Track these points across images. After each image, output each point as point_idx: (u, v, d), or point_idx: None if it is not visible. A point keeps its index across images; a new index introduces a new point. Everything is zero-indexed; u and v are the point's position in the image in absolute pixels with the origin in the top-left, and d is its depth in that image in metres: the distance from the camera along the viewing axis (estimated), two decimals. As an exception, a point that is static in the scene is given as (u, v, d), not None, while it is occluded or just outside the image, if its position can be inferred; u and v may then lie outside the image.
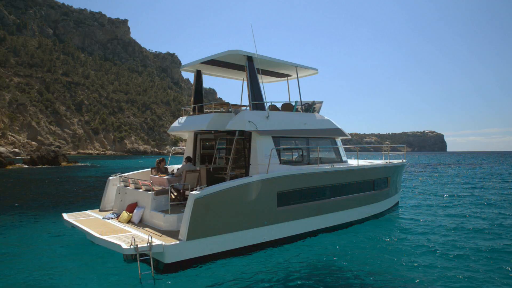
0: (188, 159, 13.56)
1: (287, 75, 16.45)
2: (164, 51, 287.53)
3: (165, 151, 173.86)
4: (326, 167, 13.45)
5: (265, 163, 11.87)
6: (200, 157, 15.28)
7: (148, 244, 8.36)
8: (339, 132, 15.30)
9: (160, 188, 11.82)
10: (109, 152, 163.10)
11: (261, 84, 13.24)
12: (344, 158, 15.64)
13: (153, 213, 10.98)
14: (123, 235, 9.54)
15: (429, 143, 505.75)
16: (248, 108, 13.62)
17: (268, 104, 13.58)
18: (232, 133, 12.84)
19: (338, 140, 15.75)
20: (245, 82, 16.81)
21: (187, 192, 11.73)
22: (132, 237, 8.76)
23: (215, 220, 9.86)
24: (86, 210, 13.60)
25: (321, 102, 15.30)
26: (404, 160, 18.66)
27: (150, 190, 11.56)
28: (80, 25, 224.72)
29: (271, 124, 12.62)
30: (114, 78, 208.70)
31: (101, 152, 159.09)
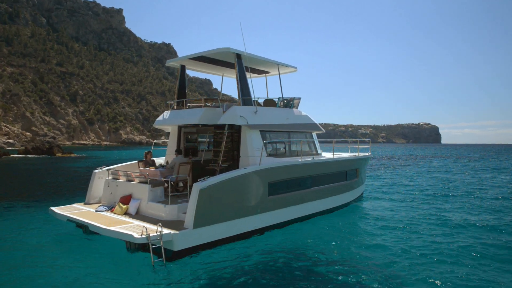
0: (179, 151, 13.86)
1: (266, 72, 17.29)
2: (159, 41, 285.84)
3: (160, 142, 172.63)
4: (308, 159, 14.40)
5: (255, 155, 12.72)
6: (184, 150, 15.70)
7: (159, 233, 8.89)
8: (315, 126, 16.47)
9: (154, 180, 11.98)
10: (104, 142, 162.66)
11: (249, 80, 13.94)
12: (319, 151, 16.85)
13: (151, 204, 11.33)
14: (128, 226, 9.90)
15: (424, 135, 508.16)
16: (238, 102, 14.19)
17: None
18: (220, 127, 13.38)
19: (314, 134, 16.84)
20: (225, 77, 17.96)
21: (179, 184, 12.14)
22: (144, 226, 9.20)
23: (217, 209, 10.49)
24: (72, 203, 13.48)
25: (299, 98, 16.26)
26: (369, 153, 19.90)
27: (145, 182, 11.79)
28: (74, 14, 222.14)
29: (259, 119, 13.36)
30: (109, 69, 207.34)
31: (96, 143, 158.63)
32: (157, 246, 8.89)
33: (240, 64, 13.44)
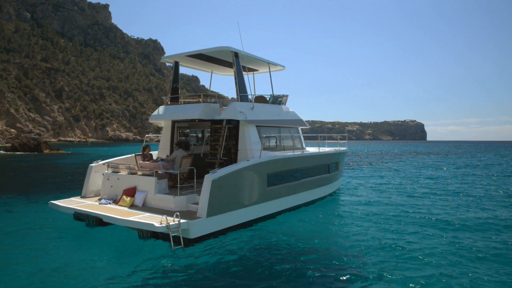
0: (180, 145, 14.10)
1: (255, 70, 17.87)
2: (146, 37, 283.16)
3: (147, 139, 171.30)
4: (298, 152, 15.28)
5: (253, 149, 13.38)
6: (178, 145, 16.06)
7: (177, 222, 9.43)
8: (301, 122, 17.35)
9: (158, 172, 12.29)
10: (91, 139, 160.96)
11: (245, 77, 14.64)
12: (304, 145, 17.77)
13: (159, 196, 11.70)
14: (142, 216, 10.32)
15: (409, 132, 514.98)
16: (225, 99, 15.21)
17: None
18: (217, 122, 13.93)
19: (299, 129, 17.68)
20: (214, 74, 18.55)
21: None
22: (164, 215, 9.70)
23: (226, 199, 11.08)
24: (68, 197, 13.46)
25: (287, 96, 17.00)
26: (347, 148, 21.01)
27: (150, 175, 12.11)
28: (59, 9, 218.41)
29: (255, 115, 14.00)
30: (95, 65, 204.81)
31: (82, 140, 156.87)
32: (174, 234, 9.40)
33: (237, 63, 14.00)
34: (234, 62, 13.96)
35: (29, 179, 25.94)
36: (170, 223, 9.36)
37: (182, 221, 9.70)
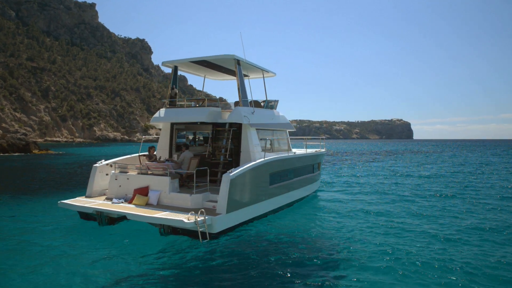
0: (186, 146, 14.48)
1: (246, 76, 18.54)
2: (133, 37, 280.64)
3: (135, 138, 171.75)
4: (291, 154, 16.44)
5: (254, 150, 14.24)
6: (176, 146, 16.76)
7: (202, 218, 10.07)
8: (290, 126, 18.57)
9: (168, 172, 12.70)
10: (78, 139, 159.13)
11: (246, 81, 15.50)
12: (291, 147, 18.97)
13: (174, 194, 12.24)
14: (165, 214, 10.87)
15: (396, 131, 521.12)
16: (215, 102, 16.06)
17: (235, 101, 15.74)
18: (220, 125, 14.75)
19: (287, 132, 18.80)
20: (207, 79, 19.40)
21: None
22: (192, 212, 10.38)
23: (240, 196, 11.86)
24: (70, 198, 13.55)
25: (277, 101, 18.11)
26: (325, 149, 22.28)
27: (163, 175, 12.58)
28: (45, 8, 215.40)
29: (256, 118, 14.88)
30: (82, 64, 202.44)
31: (70, 140, 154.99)
32: (201, 229, 10.12)
33: (239, 70, 14.79)
34: (236, 69, 14.70)
35: (25, 180, 25.94)
36: (198, 219, 10.05)
37: (206, 217, 10.37)
